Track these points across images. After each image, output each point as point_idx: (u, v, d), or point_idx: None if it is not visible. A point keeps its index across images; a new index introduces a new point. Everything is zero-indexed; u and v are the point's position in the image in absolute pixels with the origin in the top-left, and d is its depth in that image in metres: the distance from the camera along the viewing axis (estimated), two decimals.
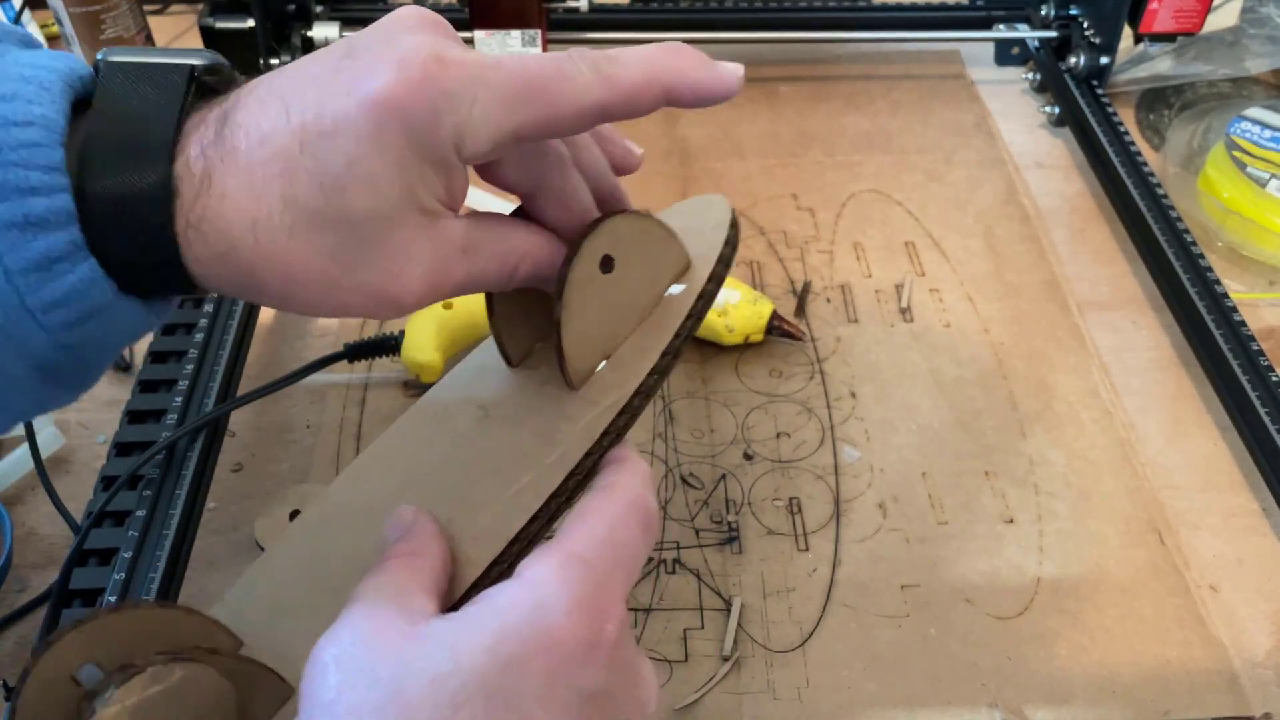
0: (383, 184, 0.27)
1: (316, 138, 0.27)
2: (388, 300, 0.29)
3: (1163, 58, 0.81)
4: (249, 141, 0.27)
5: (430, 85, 0.27)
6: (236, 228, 0.27)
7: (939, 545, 0.53)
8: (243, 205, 0.27)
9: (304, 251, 0.28)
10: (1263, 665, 0.48)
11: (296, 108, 0.27)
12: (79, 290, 0.27)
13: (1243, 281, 0.68)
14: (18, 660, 0.47)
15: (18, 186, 0.26)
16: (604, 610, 0.27)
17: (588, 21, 0.78)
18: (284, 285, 0.28)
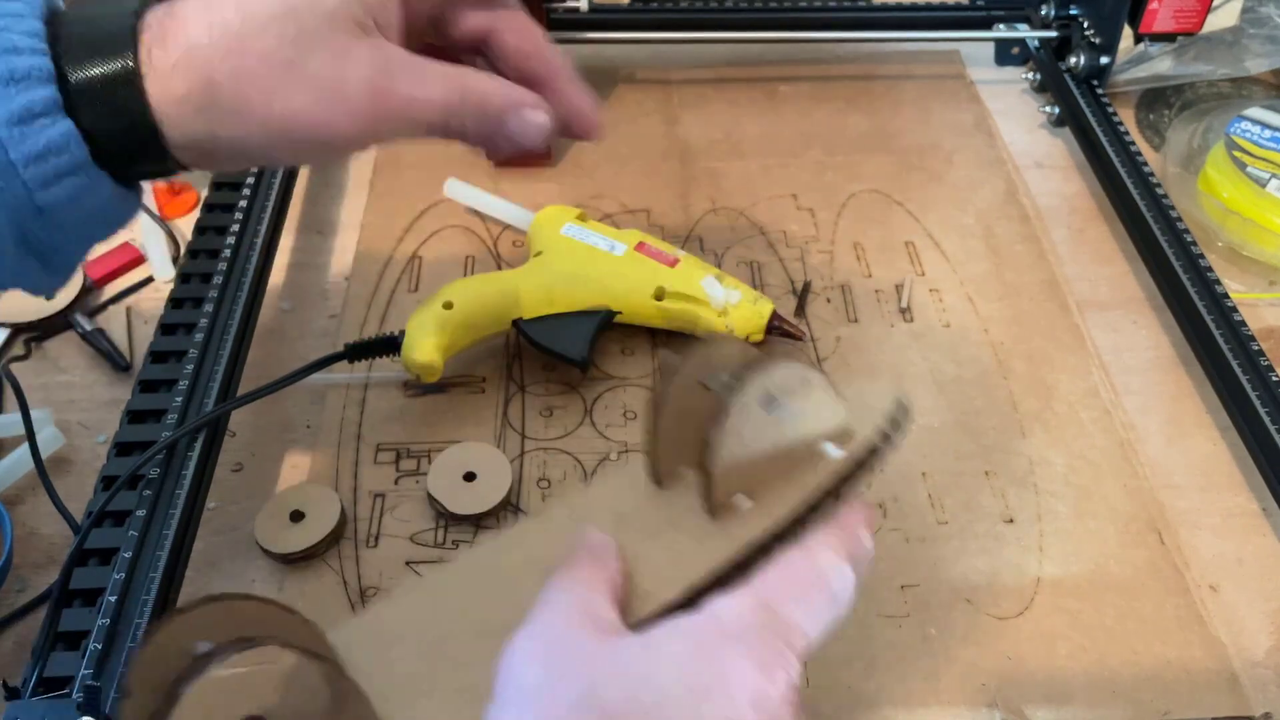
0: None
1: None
2: (337, 100, 0.32)
3: (1163, 58, 0.81)
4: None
5: None
6: (195, 33, 0.31)
7: (939, 545, 0.53)
8: (201, 17, 0.31)
9: (253, 49, 0.31)
10: (1262, 665, 0.48)
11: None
12: (57, 144, 0.30)
13: (1242, 281, 0.68)
14: (18, 660, 0.47)
15: (4, 47, 0.29)
16: (778, 665, 0.29)
17: (588, 21, 0.78)
18: (236, 85, 0.31)
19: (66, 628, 0.44)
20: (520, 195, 0.70)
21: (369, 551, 0.52)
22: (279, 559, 0.51)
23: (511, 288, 0.60)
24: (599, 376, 0.60)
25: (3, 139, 0.29)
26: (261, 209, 0.64)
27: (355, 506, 0.54)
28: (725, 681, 0.28)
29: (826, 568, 0.32)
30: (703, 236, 0.69)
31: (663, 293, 0.60)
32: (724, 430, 0.34)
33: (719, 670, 0.28)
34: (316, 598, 0.50)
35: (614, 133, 0.78)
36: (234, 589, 0.50)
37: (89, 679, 0.41)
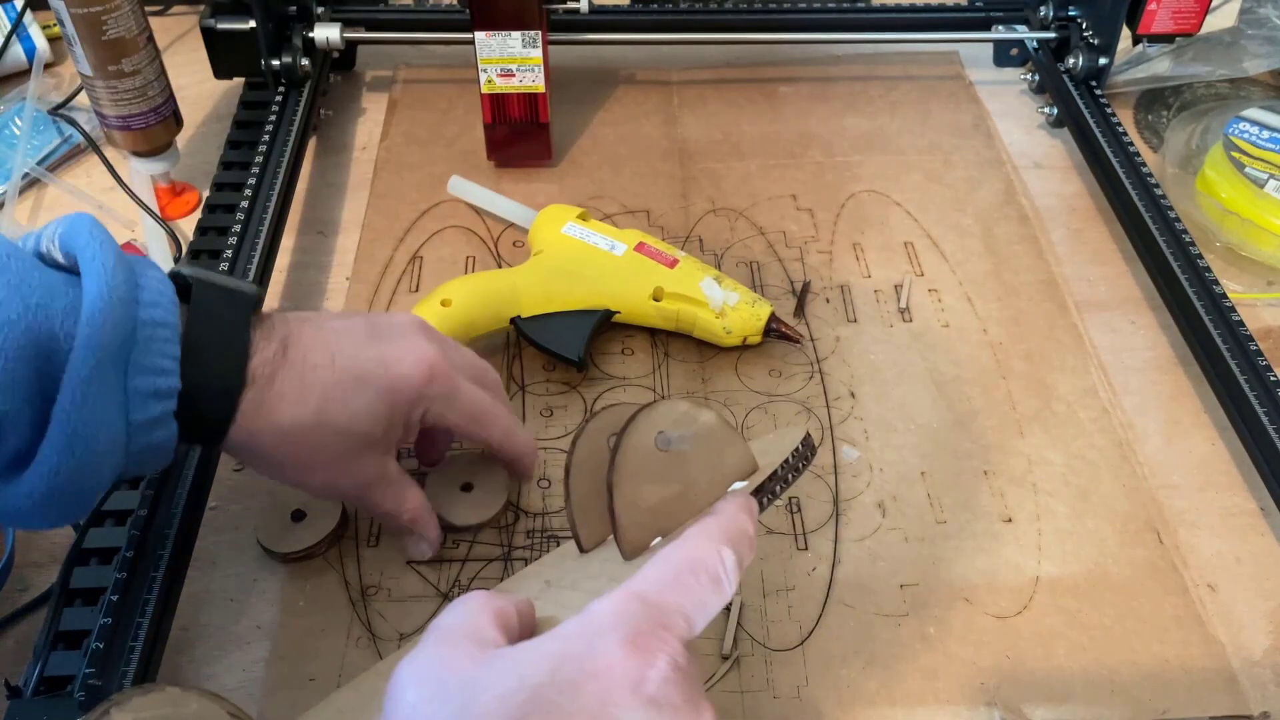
0: (381, 422, 0.44)
1: (351, 381, 0.43)
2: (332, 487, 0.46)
3: (1161, 58, 0.81)
4: (304, 365, 0.42)
5: (427, 384, 0.44)
6: (282, 416, 0.41)
7: (938, 544, 0.53)
8: (291, 403, 0.41)
9: (312, 445, 0.43)
10: (1260, 664, 0.48)
11: (340, 359, 0.43)
12: (163, 442, 0.40)
13: (1241, 281, 0.68)
14: (20, 659, 0.47)
15: (154, 369, 0.38)
16: (654, 649, 0.30)
17: (588, 23, 0.78)
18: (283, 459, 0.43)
19: (68, 627, 0.44)
20: (521, 195, 0.70)
21: (370, 551, 0.52)
22: (280, 558, 0.51)
23: (510, 286, 0.60)
24: (599, 376, 0.60)
25: (132, 435, 0.38)
26: (263, 209, 0.64)
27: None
28: (599, 670, 0.29)
29: (703, 553, 0.33)
30: (702, 237, 0.70)
31: (661, 293, 0.60)
32: (619, 467, 0.35)
33: (591, 661, 0.29)
34: (317, 597, 0.50)
35: (614, 133, 0.78)
36: (235, 588, 0.50)
37: (90, 678, 0.42)
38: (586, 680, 0.29)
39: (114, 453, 0.38)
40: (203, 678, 0.47)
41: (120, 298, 0.37)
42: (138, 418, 0.38)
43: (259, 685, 0.47)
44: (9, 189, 0.71)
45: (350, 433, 0.43)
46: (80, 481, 0.37)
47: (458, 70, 0.83)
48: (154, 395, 0.38)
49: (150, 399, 0.38)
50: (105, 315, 0.36)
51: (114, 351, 0.36)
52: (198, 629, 0.49)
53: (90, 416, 0.36)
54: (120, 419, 0.37)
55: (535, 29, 0.68)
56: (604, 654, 0.29)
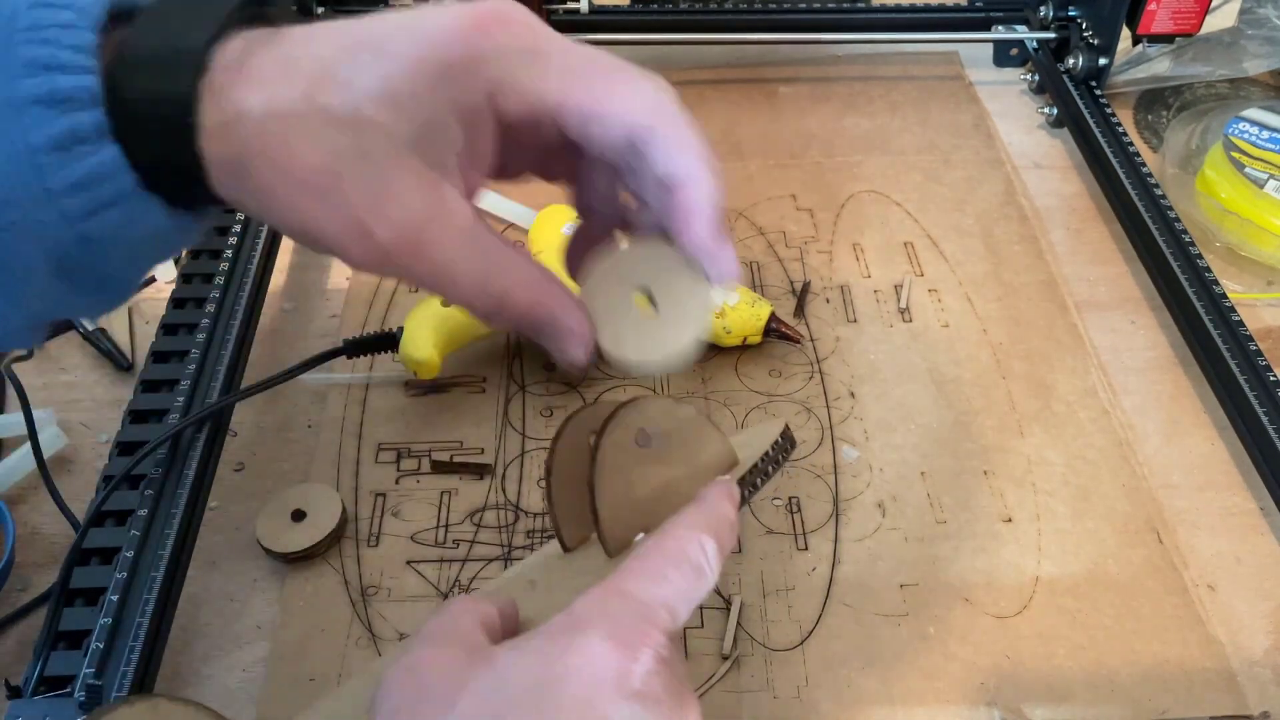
0: (406, 109, 0.27)
1: (361, 50, 0.28)
2: (357, 230, 0.28)
3: (1161, 59, 0.81)
4: (295, 42, 0.28)
5: (483, 37, 0.28)
6: (252, 95, 0.27)
7: (938, 544, 0.53)
8: (265, 85, 0.27)
9: (303, 143, 0.27)
10: (1260, 664, 0.48)
11: (354, 30, 0.28)
12: (100, 173, 0.27)
13: (1240, 282, 0.68)
14: (20, 659, 0.47)
15: (46, 63, 0.26)
16: (638, 643, 0.29)
17: (588, 22, 0.78)
18: (271, 172, 0.28)
19: (68, 627, 0.44)
20: (521, 195, 0.70)
21: (370, 551, 0.52)
22: (280, 558, 0.51)
23: None
24: (599, 376, 0.60)
25: (40, 165, 0.26)
26: None
27: (356, 506, 0.54)
28: (581, 666, 0.28)
29: (684, 543, 0.32)
30: None
31: None
32: (600, 464, 0.35)
33: (575, 657, 0.28)
34: (317, 597, 0.50)
35: None
36: (235, 588, 0.50)
37: (91, 678, 0.42)
38: (571, 676, 0.28)
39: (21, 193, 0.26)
40: (202, 678, 0.47)
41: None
42: (39, 137, 0.26)
43: (259, 685, 0.47)
44: None
45: (358, 122, 0.27)
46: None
47: None
48: (54, 101, 0.26)
49: (49, 107, 0.26)
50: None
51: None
52: (198, 629, 0.49)
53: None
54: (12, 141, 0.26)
55: None
56: (587, 650, 0.28)
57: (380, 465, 0.56)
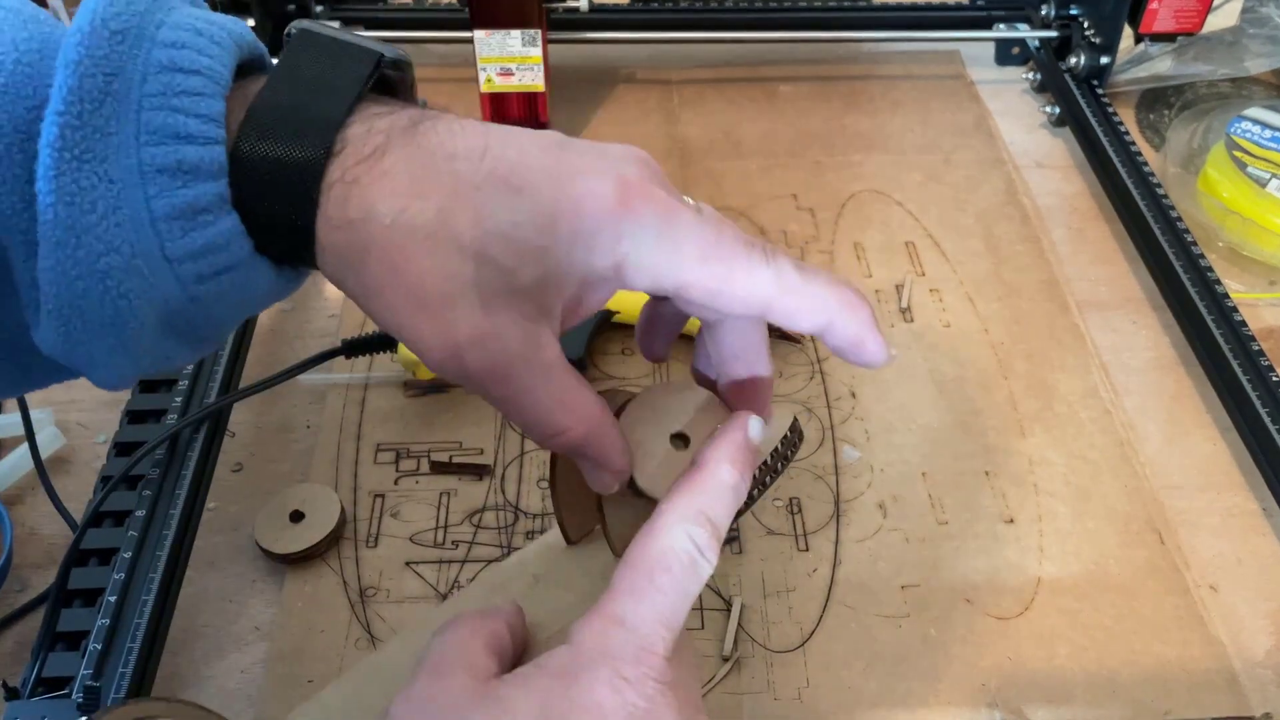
0: (532, 259, 0.28)
1: (503, 185, 0.28)
2: (451, 349, 0.28)
3: (1163, 58, 0.81)
4: (437, 146, 0.28)
5: (626, 213, 0.28)
6: (383, 201, 0.27)
7: (939, 545, 0.53)
8: (399, 190, 0.27)
9: (425, 261, 0.27)
10: (1262, 665, 0.48)
11: (496, 151, 0.28)
12: (218, 244, 0.27)
13: (1243, 281, 0.68)
14: (18, 660, 0.47)
15: (175, 132, 0.26)
16: (640, 677, 0.28)
17: (588, 21, 0.78)
18: (386, 276, 0.28)
19: (66, 628, 0.44)
20: None
21: (369, 551, 0.52)
22: (279, 559, 0.51)
23: None
24: (599, 376, 0.60)
25: (160, 233, 0.26)
26: None
27: (355, 506, 0.54)
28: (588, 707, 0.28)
29: (672, 544, 0.30)
30: None
31: None
32: None
33: (581, 697, 0.28)
34: (316, 598, 0.50)
35: (614, 133, 0.78)
36: (233, 589, 0.50)
37: (89, 679, 0.42)
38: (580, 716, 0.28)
39: (140, 260, 0.26)
40: (201, 679, 0.47)
41: (118, 29, 0.26)
42: (161, 205, 0.26)
43: (258, 686, 0.47)
44: None
45: (484, 258, 0.27)
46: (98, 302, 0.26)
47: (457, 69, 0.83)
48: (179, 171, 0.26)
49: (174, 177, 0.26)
50: (87, 49, 0.25)
51: (104, 103, 0.25)
52: (196, 630, 0.49)
53: (75, 199, 0.25)
54: (135, 207, 0.26)
55: (535, 28, 0.67)
56: (591, 692, 0.28)
57: (379, 466, 0.56)
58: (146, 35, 0.26)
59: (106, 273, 0.26)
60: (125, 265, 0.26)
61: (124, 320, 0.27)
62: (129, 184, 0.26)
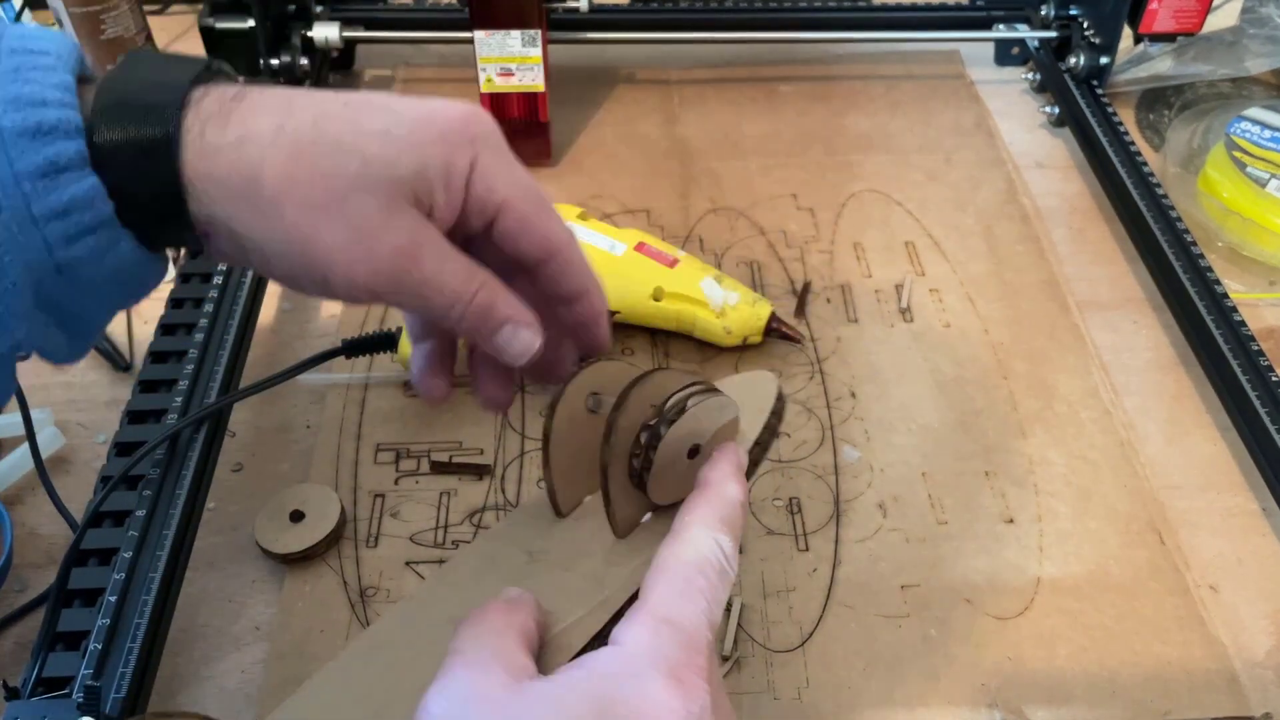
0: (407, 159, 0.31)
1: (366, 105, 0.31)
2: (362, 247, 0.31)
3: (1163, 58, 0.81)
4: (286, 91, 0.31)
5: (476, 124, 0.33)
6: (260, 126, 0.30)
7: (939, 545, 0.53)
8: (272, 110, 0.30)
9: (317, 162, 0.30)
10: (1263, 665, 0.48)
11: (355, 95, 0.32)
12: (81, 200, 0.29)
13: (1242, 281, 0.68)
14: (18, 660, 0.47)
15: (32, 99, 0.29)
16: (693, 678, 0.29)
17: (588, 22, 0.78)
18: (281, 185, 0.30)
19: (66, 628, 0.44)
20: None
21: (369, 551, 0.52)
22: (279, 559, 0.51)
23: None
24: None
25: (26, 192, 0.28)
26: None
27: (355, 506, 0.54)
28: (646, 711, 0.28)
29: (704, 550, 0.32)
30: (702, 236, 0.69)
31: (661, 293, 0.60)
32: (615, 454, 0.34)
33: (638, 702, 0.28)
34: (316, 598, 0.50)
35: (614, 133, 0.78)
36: (234, 589, 0.50)
37: (89, 679, 0.41)
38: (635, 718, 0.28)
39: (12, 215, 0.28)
40: (201, 679, 0.47)
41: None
42: (24, 164, 0.28)
43: (257, 686, 0.47)
44: None
45: (366, 154, 0.31)
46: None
47: (457, 69, 0.83)
48: (39, 133, 0.28)
49: (35, 139, 0.28)
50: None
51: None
52: (196, 630, 0.49)
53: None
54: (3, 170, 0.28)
55: (535, 28, 0.68)
56: (649, 695, 0.28)
57: (379, 466, 0.56)
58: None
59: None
60: None
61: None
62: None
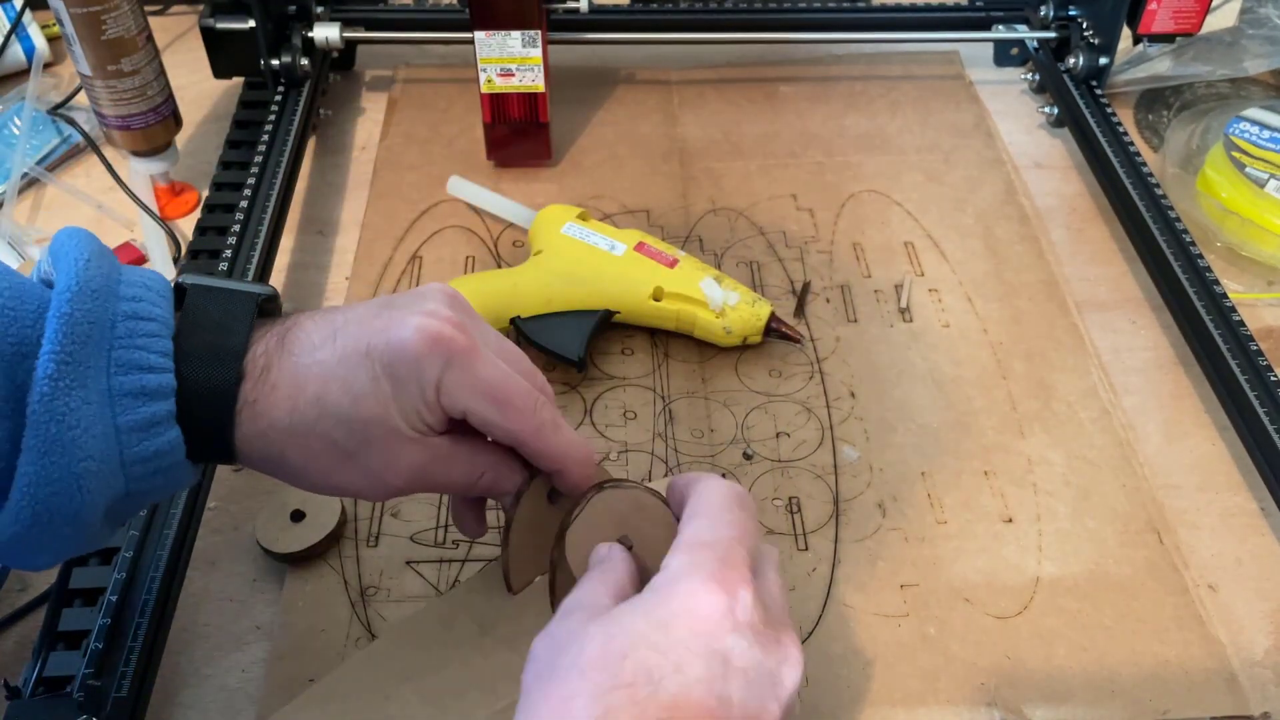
0: (390, 408, 0.37)
1: (353, 357, 0.37)
2: (379, 483, 0.38)
3: (1161, 58, 0.81)
4: (300, 349, 0.37)
5: (430, 349, 0.37)
6: (279, 411, 0.36)
7: (938, 545, 0.53)
8: (286, 395, 0.36)
9: (322, 438, 0.37)
10: (1261, 664, 0.48)
11: (342, 335, 0.37)
12: (164, 450, 0.35)
13: (1241, 281, 0.68)
14: (19, 660, 0.47)
15: (139, 365, 0.34)
16: (733, 580, 0.33)
17: (588, 22, 0.78)
18: (302, 460, 0.37)
19: (67, 627, 0.44)
20: (521, 195, 0.70)
21: (369, 551, 0.52)
22: (279, 559, 0.51)
23: (509, 286, 0.60)
24: (599, 376, 0.60)
25: (123, 442, 0.34)
26: (262, 209, 0.64)
27: (355, 506, 0.54)
28: (694, 606, 0.33)
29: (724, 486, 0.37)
30: (702, 236, 0.70)
31: (661, 293, 0.60)
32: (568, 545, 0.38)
33: (685, 599, 0.33)
34: (317, 598, 0.50)
35: (614, 133, 0.78)
36: (234, 588, 0.50)
37: (89, 678, 0.42)
38: (681, 616, 0.32)
39: (104, 465, 0.34)
40: (202, 678, 0.47)
41: (94, 289, 0.34)
42: (126, 420, 0.34)
43: (258, 686, 0.47)
44: (8, 189, 0.71)
45: (359, 419, 0.37)
46: (68, 500, 0.33)
47: (457, 70, 0.83)
48: (141, 394, 0.34)
49: (137, 399, 0.34)
50: (74, 305, 0.33)
51: (87, 345, 0.33)
52: (197, 629, 0.49)
53: (65, 418, 0.32)
54: (105, 423, 0.34)
55: (535, 28, 0.68)
56: (697, 592, 0.33)
57: None
58: (113, 291, 0.35)
59: (81, 474, 0.33)
60: (96, 469, 0.33)
61: (84, 514, 0.34)
62: (101, 405, 0.33)
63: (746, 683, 0.32)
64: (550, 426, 0.39)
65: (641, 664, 0.31)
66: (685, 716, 0.31)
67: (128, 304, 0.35)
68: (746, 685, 0.32)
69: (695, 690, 0.31)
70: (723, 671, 0.32)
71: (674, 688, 0.31)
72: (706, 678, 0.31)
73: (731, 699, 0.32)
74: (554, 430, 0.39)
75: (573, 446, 0.40)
